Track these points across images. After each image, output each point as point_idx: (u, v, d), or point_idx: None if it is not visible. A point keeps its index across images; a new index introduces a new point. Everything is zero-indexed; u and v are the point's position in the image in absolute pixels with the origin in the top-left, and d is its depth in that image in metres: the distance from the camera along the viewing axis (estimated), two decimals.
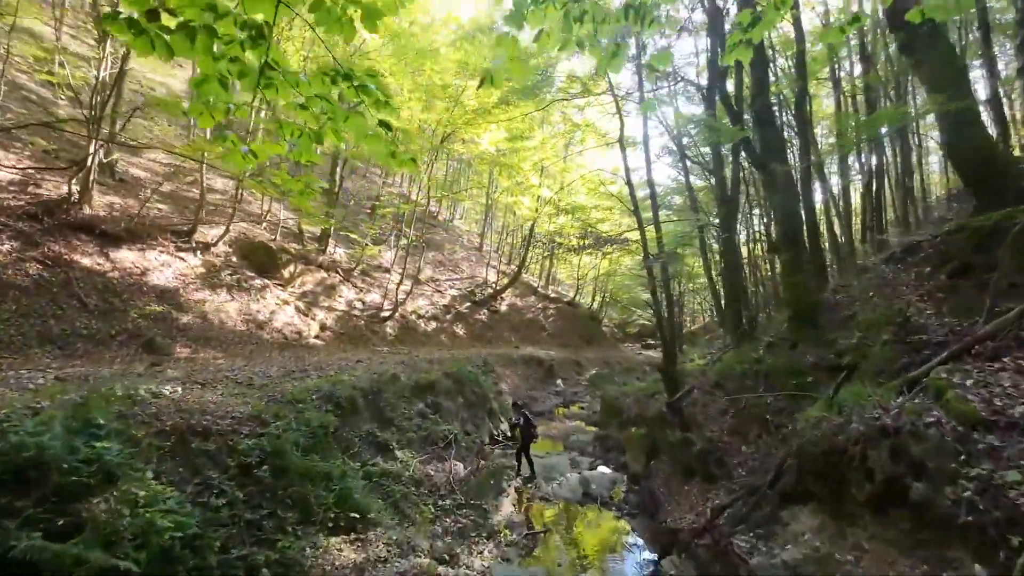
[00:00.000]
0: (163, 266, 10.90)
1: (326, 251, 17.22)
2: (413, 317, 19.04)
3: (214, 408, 4.90)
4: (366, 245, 18.47)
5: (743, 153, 10.37)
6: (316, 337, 13.91)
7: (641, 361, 28.84)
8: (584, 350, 28.44)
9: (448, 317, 21.18)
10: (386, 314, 17.28)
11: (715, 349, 13.33)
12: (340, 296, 16.45)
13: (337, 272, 17.11)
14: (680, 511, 6.75)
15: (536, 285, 32.03)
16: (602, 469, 9.13)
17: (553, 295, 32.35)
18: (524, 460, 9.32)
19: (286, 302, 13.77)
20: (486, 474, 7.65)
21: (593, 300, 39.72)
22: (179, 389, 6.44)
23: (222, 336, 10.76)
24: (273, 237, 14.83)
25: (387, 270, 19.28)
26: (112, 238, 10.17)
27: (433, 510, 6.51)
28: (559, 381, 19.97)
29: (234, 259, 13.12)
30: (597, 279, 38.12)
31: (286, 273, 14.35)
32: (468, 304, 23.16)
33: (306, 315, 14.17)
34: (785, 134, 12.74)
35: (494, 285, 26.13)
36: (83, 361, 7.43)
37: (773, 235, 12.40)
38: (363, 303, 17.17)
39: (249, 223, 15.29)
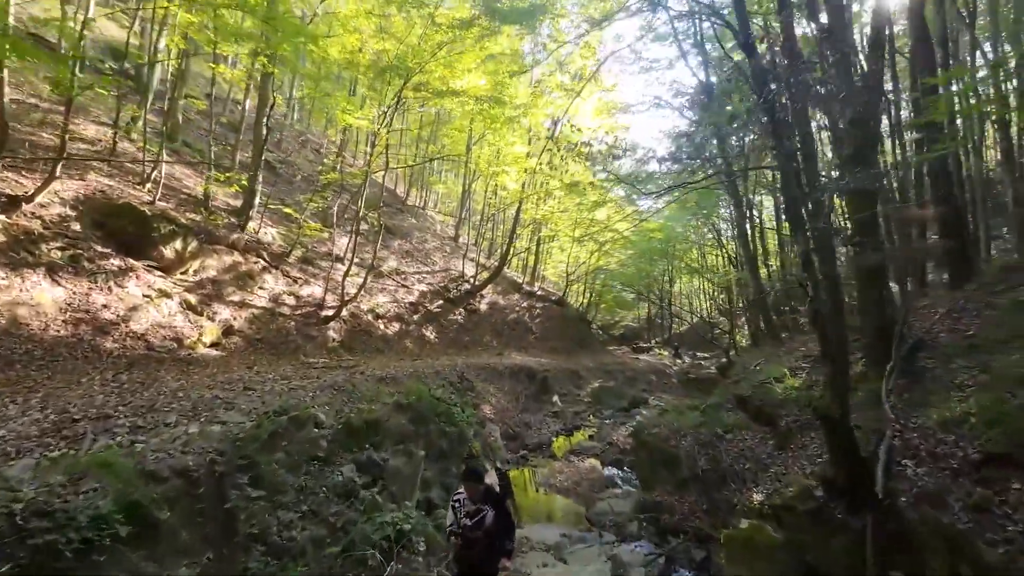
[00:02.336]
0: None
1: (245, 227, 12.64)
2: (369, 317, 14.62)
3: None
4: (305, 222, 13.94)
5: None
6: (212, 345, 9.41)
7: (642, 369, 24.99)
8: (578, 356, 24.41)
9: (415, 317, 16.81)
10: (329, 313, 12.83)
11: (805, 361, 9.26)
12: (262, 288, 11.92)
13: (262, 256, 12.55)
14: None
15: (520, 281, 27.81)
16: None
17: (539, 292, 28.17)
18: None
19: (164, 294, 9.22)
20: None
21: (581, 299, 35.80)
22: None
23: (3, 347, 6.21)
24: (152, 200, 10.23)
25: (339, 259, 14.78)
26: None
27: None
28: (555, 398, 15.83)
29: (75, 226, 8.52)
30: (587, 275, 34.16)
31: (169, 252, 9.76)
32: (441, 302, 18.82)
33: (199, 313, 9.64)
34: None
35: (472, 280, 21.84)
36: None
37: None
38: (296, 298, 12.67)
39: (124, 182, 10.65)
